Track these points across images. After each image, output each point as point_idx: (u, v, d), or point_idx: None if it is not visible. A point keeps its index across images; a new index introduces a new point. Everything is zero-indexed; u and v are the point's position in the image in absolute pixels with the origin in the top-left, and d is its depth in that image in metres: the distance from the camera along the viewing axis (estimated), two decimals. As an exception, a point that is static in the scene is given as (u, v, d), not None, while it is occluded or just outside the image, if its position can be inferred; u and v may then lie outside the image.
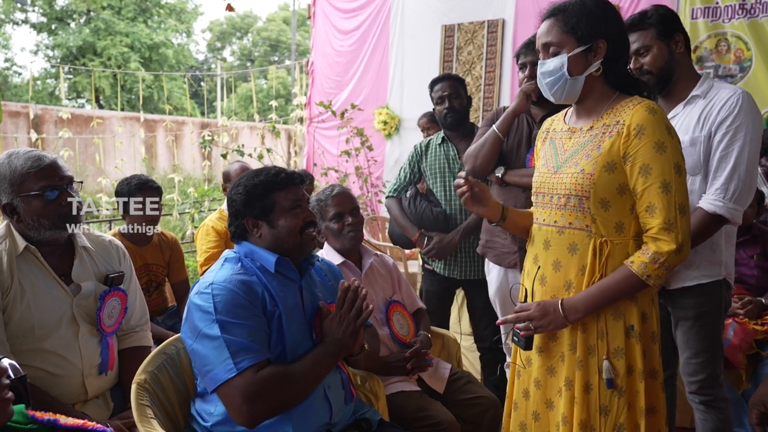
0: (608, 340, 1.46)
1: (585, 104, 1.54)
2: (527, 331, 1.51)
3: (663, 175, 1.39)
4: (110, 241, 1.94)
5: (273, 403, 1.40)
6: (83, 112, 10.99)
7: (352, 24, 5.90)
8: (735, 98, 1.80)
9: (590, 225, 1.48)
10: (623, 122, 1.44)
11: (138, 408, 1.45)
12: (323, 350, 1.51)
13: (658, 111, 1.42)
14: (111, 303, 1.82)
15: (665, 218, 1.39)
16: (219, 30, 26.85)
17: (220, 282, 1.47)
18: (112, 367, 1.83)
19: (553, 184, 1.55)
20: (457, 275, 2.71)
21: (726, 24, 4.09)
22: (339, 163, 5.55)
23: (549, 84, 1.52)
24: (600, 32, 1.46)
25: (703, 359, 1.93)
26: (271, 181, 1.58)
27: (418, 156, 2.83)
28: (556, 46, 1.49)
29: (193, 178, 11.04)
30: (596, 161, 1.46)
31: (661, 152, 1.39)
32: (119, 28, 18.26)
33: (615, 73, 1.50)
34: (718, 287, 1.91)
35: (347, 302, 1.53)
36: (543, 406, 1.59)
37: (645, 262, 1.40)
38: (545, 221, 1.58)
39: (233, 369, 1.37)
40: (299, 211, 1.58)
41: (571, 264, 1.51)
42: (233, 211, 1.60)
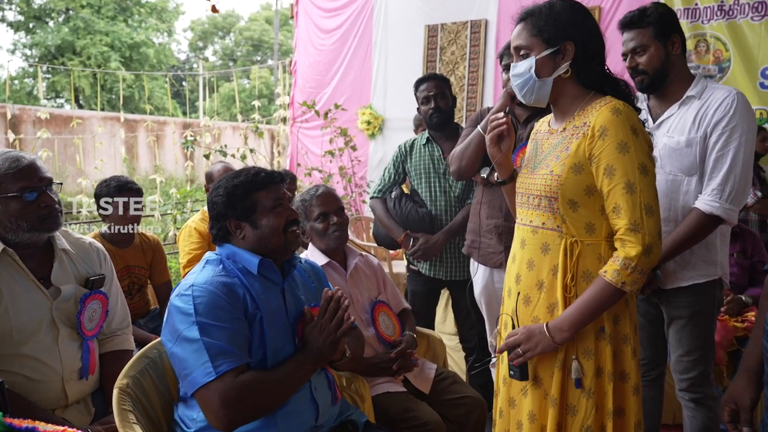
0: (577, 341, 1.47)
1: (560, 106, 1.56)
2: (518, 358, 1.49)
3: (627, 176, 1.39)
4: (90, 243, 1.91)
5: (251, 409, 1.39)
6: (62, 112, 10.82)
7: (334, 23, 5.88)
8: (730, 99, 1.81)
9: (561, 225, 1.49)
10: (589, 123, 1.45)
11: (120, 413, 1.42)
12: (303, 358, 1.50)
13: (622, 112, 1.42)
14: (92, 306, 1.78)
15: (630, 219, 1.39)
16: (201, 29, 26.63)
17: (201, 284, 1.45)
18: (93, 372, 1.79)
19: (529, 185, 1.57)
20: (442, 276, 2.71)
21: (705, 25, 4.15)
22: (323, 163, 5.53)
23: (519, 86, 1.54)
24: (567, 35, 1.47)
25: (695, 357, 1.94)
26: (252, 181, 1.56)
27: (402, 156, 2.83)
28: (525, 48, 1.51)
29: (175, 178, 10.93)
30: (564, 163, 1.47)
31: (624, 153, 1.40)
32: (99, 27, 18.01)
33: (587, 74, 1.50)
34: (712, 286, 1.93)
35: (329, 312, 1.52)
36: (506, 404, 1.61)
37: (617, 269, 1.39)
38: (522, 221, 1.60)
39: (212, 373, 1.35)
40: (281, 210, 1.57)
41: (543, 264, 1.52)
42: (214, 213, 1.58)
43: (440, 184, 2.70)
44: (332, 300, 1.53)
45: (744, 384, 1.32)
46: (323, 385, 1.62)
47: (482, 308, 2.46)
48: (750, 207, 3.83)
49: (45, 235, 1.73)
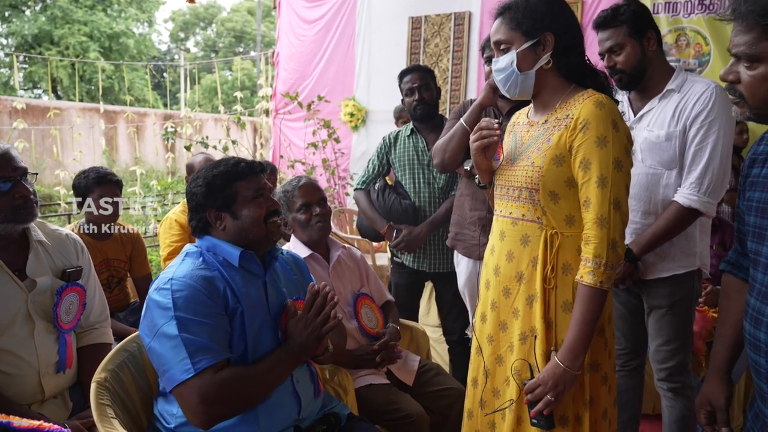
0: (557, 333, 1.47)
1: (541, 98, 1.56)
2: (549, 406, 1.42)
3: (601, 170, 1.40)
4: (67, 234, 1.87)
5: (230, 405, 1.36)
6: (39, 103, 10.62)
7: (316, 13, 5.83)
8: (709, 93, 1.82)
9: (541, 217, 1.49)
10: (572, 116, 1.45)
11: (98, 407, 1.40)
12: (284, 352, 1.47)
13: (606, 105, 1.43)
14: (68, 299, 1.75)
15: (598, 213, 1.39)
16: (182, 20, 26.28)
17: (180, 277, 1.42)
18: (70, 365, 1.76)
19: (509, 177, 1.57)
20: (426, 268, 2.70)
21: (685, 19, 4.18)
22: (306, 155, 5.50)
23: (502, 81, 1.54)
24: (545, 26, 1.47)
25: (673, 347, 1.97)
26: (232, 171, 1.54)
27: (386, 148, 2.81)
28: (506, 43, 1.51)
29: (156, 170, 10.80)
30: (545, 154, 1.47)
31: (602, 147, 1.40)
32: (77, 16, 17.67)
33: (567, 65, 1.51)
34: (691, 277, 1.95)
35: (315, 307, 1.50)
36: (490, 394, 1.60)
37: (591, 270, 1.40)
38: (502, 212, 1.60)
39: (191, 369, 1.33)
40: (262, 201, 1.55)
41: (523, 255, 1.52)
42: (194, 204, 1.55)
43: (424, 176, 2.69)
44: (319, 295, 1.51)
45: (716, 384, 1.33)
46: (305, 378, 1.61)
47: (466, 300, 2.47)
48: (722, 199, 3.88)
49: (19, 227, 1.69)
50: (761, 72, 1.02)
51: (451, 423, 2.03)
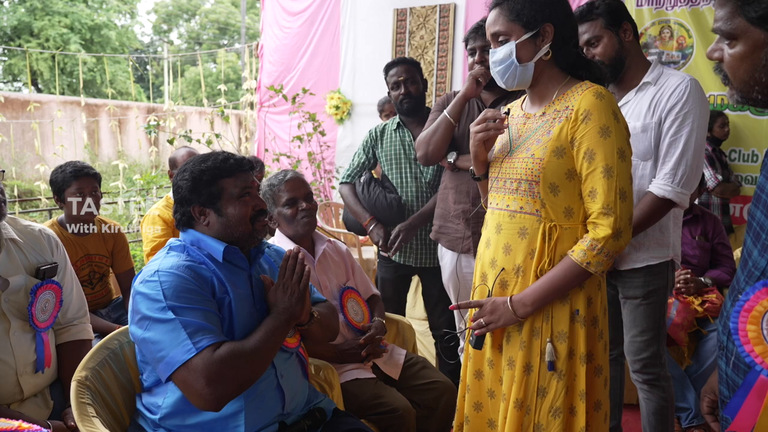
0: (553, 324, 1.48)
1: (537, 89, 1.55)
2: (480, 329, 1.53)
3: (606, 160, 1.41)
4: (41, 230, 1.82)
5: (234, 382, 1.34)
6: (19, 96, 10.43)
7: (300, 5, 5.77)
8: (684, 85, 1.85)
9: (540, 210, 1.49)
10: (572, 107, 1.45)
11: (78, 406, 1.38)
12: (273, 321, 1.47)
13: (605, 96, 1.44)
14: (44, 297, 1.71)
15: (604, 202, 1.41)
16: (165, 12, 25.92)
17: (167, 269, 1.41)
18: (48, 364, 1.73)
19: (506, 169, 1.56)
20: (412, 263, 2.70)
21: (669, 11, 4.20)
22: (291, 148, 5.46)
23: (500, 72, 1.53)
24: (545, 16, 1.47)
25: (647, 337, 1.99)
26: (219, 167, 1.52)
27: (373, 141, 2.80)
28: (504, 34, 1.50)
29: (139, 164, 10.68)
30: (546, 146, 1.47)
31: (605, 137, 1.41)
32: (57, 7, 17.36)
33: (565, 56, 1.51)
34: (665, 268, 1.98)
35: (288, 269, 1.52)
36: (497, 383, 1.60)
37: (583, 249, 1.42)
38: (498, 205, 1.59)
39: (192, 349, 1.31)
40: (248, 199, 1.53)
41: (520, 248, 1.52)
42: (179, 197, 1.53)
43: (411, 170, 2.68)
44: (290, 258, 1.53)
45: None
46: (290, 373, 1.60)
47: (450, 294, 2.46)
48: (711, 191, 3.92)
49: None
50: (738, 51, 0.98)
51: (438, 416, 2.03)
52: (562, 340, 1.48)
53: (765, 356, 0.94)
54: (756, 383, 0.95)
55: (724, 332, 1.06)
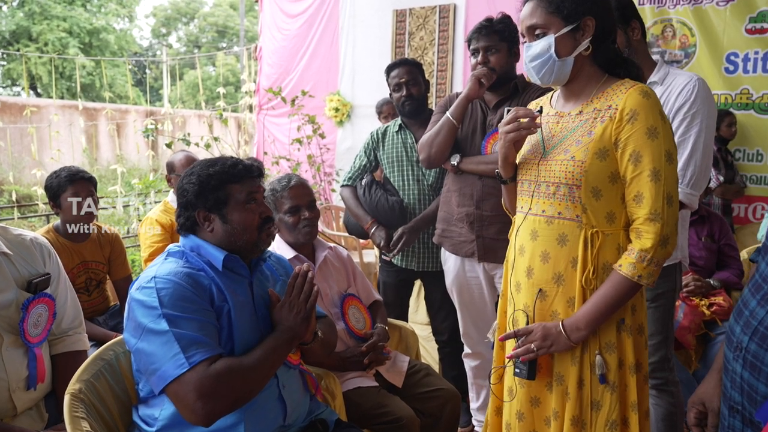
0: (600, 335, 1.41)
1: (573, 87, 1.48)
2: (529, 355, 1.41)
3: (653, 163, 1.34)
4: (32, 239, 1.76)
5: (228, 398, 1.31)
6: (16, 101, 10.37)
7: (299, 7, 5.74)
8: (691, 85, 1.81)
9: (581, 215, 1.41)
10: (615, 106, 1.38)
11: (72, 421, 1.33)
12: (275, 339, 1.44)
13: (652, 95, 1.37)
14: (36, 311, 1.65)
15: (652, 208, 1.34)
16: (163, 15, 25.92)
17: (164, 275, 1.37)
18: (42, 380, 1.67)
19: (541, 172, 1.48)
20: (414, 267, 2.65)
21: (671, 10, 4.17)
22: (290, 151, 5.41)
23: (536, 67, 1.45)
24: (587, 9, 1.40)
25: (655, 341, 1.95)
26: (227, 172, 1.47)
27: (374, 143, 2.75)
28: (542, 27, 1.42)
29: (138, 168, 10.64)
30: (587, 148, 1.39)
31: (653, 139, 1.34)
32: (56, 12, 17.36)
33: (604, 53, 1.44)
34: (673, 270, 1.94)
35: (296, 287, 1.49)
36: (528, 405, 1.53)
37: (632, 262, 1.35)
38: (532, 210, 1.50)
39: (185, 364, 1.27)
40: (254, 206, 1.49)
41: (560, 256, 1.44)
42: (184, 201, 1.49)
43: (413, 173, 2.63)
44: (299, 276, 1.50)
45: (714, 384, 1.26)
46: (292, 384, 1.56)
47: (454, 298, 2.42)
48: (712, 191, 3.88)
49: None
50: None
51: (442, 424, 1.99)
52: (611, 351, 1.42)
53: None
54: None
55: (746, 332, 1.00)
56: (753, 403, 0.99)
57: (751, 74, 3.95)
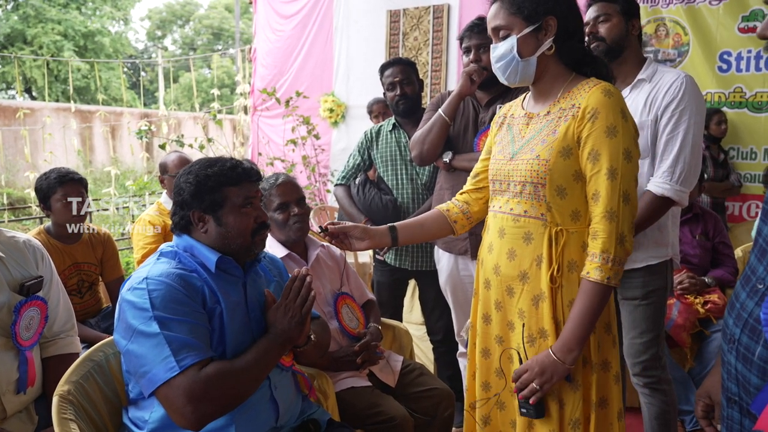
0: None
1: (541, 86, 1.49)
2: (536, 395, 1.38)
3: (611, 161, 1.34)
4: (25, 242, 1.75)
5: (219, 402, 1.29)
6: (10, 103, 10.34)
7: (293, 8, 5.73)
8: (679, 83, 1.83)
9: (545, 213, 1.42)
10: (578, 105, 1.39)
11: (60, 423, 1.32)
12: (267, 342, 1.41)
13: (614, 94, 1.37)
14: (28, 314, 1.64)
15: (607, 206, 1.34)
16: (158, 18, 25.90)
17: (156, 276, 1.35)
18: (32, 384, 1.66)
19: (509, 171, 1.49)
20: (408, 266, 2.64)
21: (664, 9, 4.17)
22: (285, 152, 5.40)
23: (502, 68, 1.47)
24: (548, 9, 1.41)
25: (647, 339, 1.95)
26: (226, 174, 1.45)
27: (368, 143, 2.75)
28: (505, 29, 1.44)
29: (133, 170, 10.62)
30: (552, 146, 1.40)
31: (611, 137, 1.35)
32: (50, 15, 17.31)
33: (570, 52, 1.45)
34: (664, 267, 1.95)
35: (293, 291, 1.45)
36: (507, 394, 1.53)
37: (598, 266, 1.34)
38: (501, 209, 1.52)
39: (175, 367, 1.26)
40: (250, 210, 1.47)
41: (525, 254, 1.45)
42: (179, 200, 1.47)
43: (407, 172, 2.63)
44: (296, 279, 1.47)
45: (719, 377, 1.24)
46: (284, 385, 1.55)
47: (447, 297, 2.41)
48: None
49: None
50: None
51: (437, 424, 1.98)
52: None
53: None
54: None
55: (737, 324, 1.01)
56: (748, 394, 0.99)
57: (744, 73, 3.96)
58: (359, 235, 1.63)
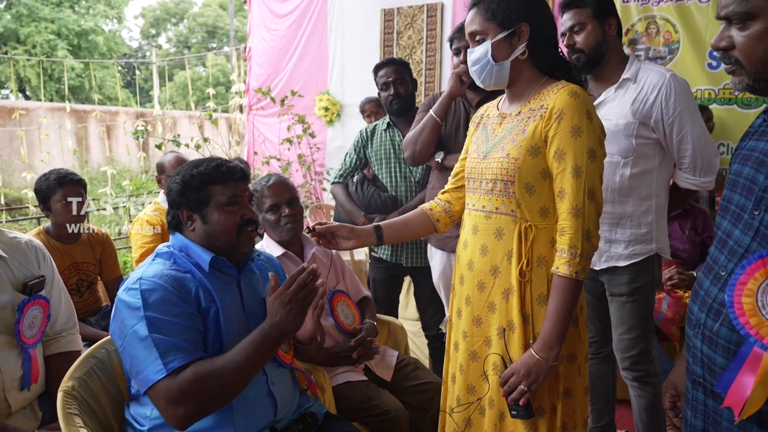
0: (533, 325, 1.47)
1: (515, 89, 1.55)
2: (525, 396, 1.41)
3: (575, 160, 1.40)
4: (27, 242, 1.79)
5: (200, 402, 1.30)
6: (5, 104, 10.32)
7: (287, 7, 5.75)
8: (666, 88, 1.88)
9: (515, 210, 1.48)
10: (546, 106, 1.44)
11: (65, 417, 1.36)
12: (260, 334, 1.36)
13: (580, 95, 1.43)
14: (31, 313, 1.68)
15: (573, 203, 1.39)
16: (152, 16, 25.80)
17: (150, 277, 1.38)
18: (35, 381, 1.70)
19: (482, 170, 1.55)
20: (403, 262, 2.69)
21: (655, 7, 4.21)
22: (280, 151, 5.43)
23: (477, 71, 1.53)
24: (521, 16, 1.46)
25: (635, 335, 1.99)
26: (210, 173, 1.49)
27: (363, 141, 2.79)
28: (481, 34, 1.50)
29: (129, 170, 10.62)
30: (521, 146, 1.46)
31: (576, 137, 1.40)
32: (43, 13, 17.25)
33: (542, 56, 1.50)
34: (650, 263, 1.99)
35: (297, 282, 1.36)
36: (464, 391, 1.59)
37: (566, 261, 1.39)
38: (474, 206, 1.58)
39: (162, 370, 1.29)
40: (236, 209, 1.50)
41: (497, 249, 1.50)
42: (170, 200, 1.53)
43: (400, 170, 2.67)
44: (303, 271, 1.39)
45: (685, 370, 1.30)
46: (281, 381, 1.59)
47: (441, 293, 2.46)
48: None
49: None
50: (756, 30, 0.96)
51: (431, 418, 2.02)
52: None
53: (759, 328, 0.93)
54: (749, 356, 0.94)
55: (702, 310, 1.06)
56: (713, 375, 1.04)
57: (734, 70, 4.01)
58: (346, 234, 1.68)
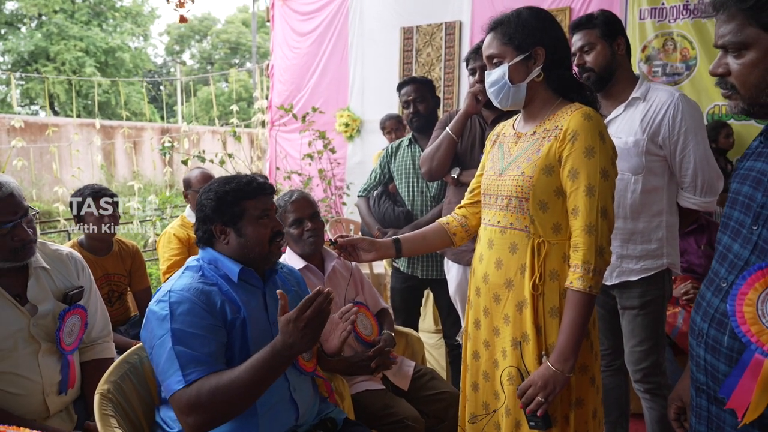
0: (546, 337, 1.52)
1: (530, 110, 1.61)
2: (542, 407, 1.45)
3: (588, 179, 1.46)
4: (68, 254, 1.89)
5: (209, 414, 1.36)
6: (37, 120, 10.67)
7: (309, 26, 5.90)
8: (674, 106, 1.94)
9: (529, 226, 1.54)
10: (561, 127, 1.51)
11: (101, 418, 1.45)
12: (270, 355, 1.37)
13: (593, 117, 1.49)
14: (71, 321, 1.77)
15: (586, 220, 1.45)
16: (177, 33, 26.38)
17: (178, 290, 1.46)
18: (72, 386, 1.79)
19: (498, 187, 1.62)
20: (419, 273, 2.75)
21: (672, 24, 4.25)
22: (302, 166, 5.55)
23: (495, 93, 1.60)
24: (537, 40, 1.53)
25: (646, 347, 2.03)
26: (243, 189, 1.58)
27: (388, 157, 2.89)
28: (498, 57, 1.57)
29: (154, 184, 10.85)
30: (535, 164, 1.52)
31: (589, 157, 1.46)
32: (73, 32, 17.77)
33: (557, 79, 1.57)
34: (660, 278, 2.02)
35: (315, 306, 1.37)
36: (492, 397, 1.65)
37: (580, 276, 1.45)
38: (490, 221, 1.65)
39: (182, 381, 1.36)
40: (267, 221, 1.59)
41: (511, 263, 1.57)
42: (202, 215, 1.60)
43: (418, 184, 2.75)
44: (320, 294, 1.39)
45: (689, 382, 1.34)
46: (302, 388, 1.65)
47: (457, 306, 2.51)
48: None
49: (18, 264, 1.70)
50: (750, 58, 1.03)
51: (446, 426, 2.08)
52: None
53: (760, 335, 0.98)
54: (751, 362, 0.99)
55: (705, 320, 1.12)
56: (716, 382, 1.09)
57: (751, 85, 4.01)
58: (366, 247, 1.75)
